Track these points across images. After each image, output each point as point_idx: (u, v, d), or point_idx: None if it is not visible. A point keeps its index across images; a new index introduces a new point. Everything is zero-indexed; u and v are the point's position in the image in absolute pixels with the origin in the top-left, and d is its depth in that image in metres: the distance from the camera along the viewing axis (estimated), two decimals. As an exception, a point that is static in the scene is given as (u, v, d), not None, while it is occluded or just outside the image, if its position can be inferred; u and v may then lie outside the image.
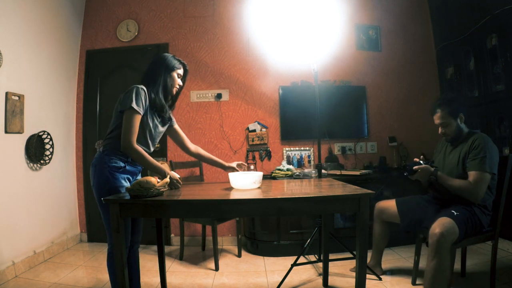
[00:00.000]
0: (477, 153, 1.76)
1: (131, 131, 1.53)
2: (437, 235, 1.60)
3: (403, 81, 3.36)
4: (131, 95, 1.54)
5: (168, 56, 1.73)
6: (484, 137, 1.81)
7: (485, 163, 1.72)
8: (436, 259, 1.59)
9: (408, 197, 2.13)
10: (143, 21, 3.31)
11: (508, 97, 2.48)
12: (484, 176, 1.72)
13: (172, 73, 1.71)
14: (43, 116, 2.77)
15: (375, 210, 2.19)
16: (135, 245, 1.74)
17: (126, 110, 1.53)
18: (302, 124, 3.17)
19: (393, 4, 3.37)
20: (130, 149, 1.54)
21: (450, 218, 1.67)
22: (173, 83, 1.73)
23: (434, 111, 1.95)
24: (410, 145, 3.27)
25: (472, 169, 1.76)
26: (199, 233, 3.10)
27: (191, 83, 3.26)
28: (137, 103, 1.54)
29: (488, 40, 2.64)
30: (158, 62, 1.71)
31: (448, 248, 1.62)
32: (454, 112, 1.88)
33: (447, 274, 1.62)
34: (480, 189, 1.72)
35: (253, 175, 1.64)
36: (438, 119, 1.93)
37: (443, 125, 1.92)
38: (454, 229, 1.64)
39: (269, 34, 3.22)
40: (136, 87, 1.57)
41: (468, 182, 1.75)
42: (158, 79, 1.67)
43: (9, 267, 2.28)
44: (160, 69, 1.69)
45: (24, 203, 2.50)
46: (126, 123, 1.53)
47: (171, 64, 1.70)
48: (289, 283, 2.15)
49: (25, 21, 2.56)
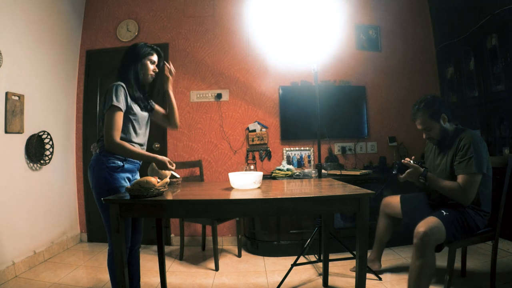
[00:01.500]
0: (463, 155, 1.70)
1: (113, 128, 1.51)
2: (421, 234, 1.58)
3: (403, 81, 3.36)
4: (110, 94, 1.52)
5: (137, 45, 1.68)
6: (470, 135, 1.73)
7: (472, 164, 1.66)
8: (421, 258, 1.58)
9: (413, 194, 2.10)
10: (143, 21, 3.31)
11: (508, 97, 2.48)
12: (473, 178, 1.67)
13: (142, 60, 1.66)
14: (43, 116, 2.77)
15: (381, 204, 2.20)
16: (136, 245, 1.74)
17: (107, 109, 1.52)
18: (302, 124, 3.17)
19: (393, 4, 3.36)
20: (113, 144, 1.51)
21: (438, 218, 1.66)
22: (146, 71, 1.68)
23: (414, 117, 1.87)
24: (410, 145, 3.27)
25: (460, 172, 1.71)
26: (199, 233, 3.10)
27: (191, 83, 3.26)
28: (117, 100, 1.52)
29: (488, 40, 2.64)
30: (127, 54, 1.67)
31: (433, 247, 1.60)
32: (435, 115, 1.80)
33: (432, 273, 1.60)
34: (469, 192, 1.67)
35: (253, 175, 1.64)
36: (419, 124, 1.86)
37: (426, 130, 1.85)
38: (440, 228, 1.61)
39: (269, 34, 3.22)
40: (114, 85, 1.55)
41: (457, 185, 1.70)
42: (129, 71, 1.63)
43: (9, 267, 2.28)
44: (129, 60, 1.65)
45: (24, 203, 2.50)
46: (107, 121, 1.52)
47: (140, 52, 1.66)
48: (289, 283, 2.15)
49: (25, 21, 2.56)
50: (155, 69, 1.72)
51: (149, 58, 1.68)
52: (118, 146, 1.52)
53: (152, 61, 1.70)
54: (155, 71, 1.73)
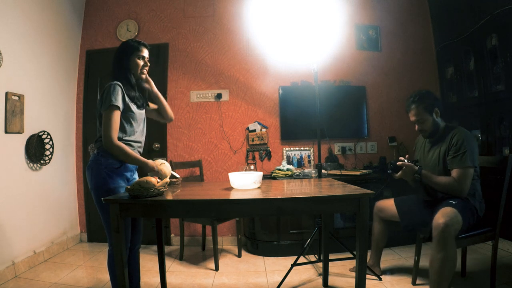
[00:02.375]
0: (457, 150, 1.77)
1: (111, 128, 1.50)
2: (442, 226, 1.58)
3: (403, 81, 3.36)
4: (108, 93, 1.52)
5: (124, 42, 1.67)
6: (463, 131, 1.81)
7: (467, 158, 1.74)
8: (443, 251, 1.57)
9: (406, 196, 2.13)
10: (143, 21, 3.31)
11: (508, 97, 2.48)
12: (467, 171, 1.74)
13: (131, 57, 1.64)
14: (43, 116, 2.77)
15: (374, 209, 2.20)
16: (136, 245, 1.74)
17: (105, 109, 1.51)
18: (302, 124, 3.17)
19: (393, 4, 3.36)
20: (111, 144, 1.51)
21: (452, 207, 1.67)
22: (136, 67, 1.66)
23: (408, 108, 1.96)
24: (410, 145, 3.26)
25: (455, 166, 1.77)
26: (199, 233, 3.10)
27: (191, 83, 3.26)
28: (115, 99, 1.51)
29: (488, 40, 2.64)
30: (116, 52, 1.66)
31: (454, 238, 1.61)
32: (429, 108, 1.88)
33: (454, 265, 1.59)
34: (464, 185, 1.74)
35: (253, 175, 1.64)
36: (413, 116, 1.93)
37: (419, 122, 1.92)
38: (458, 217, 1.63)
39: (269, 34, 3.22)
40: (111, 85, 1.54)
41: (452, 179, 1.76)
42: (121, 70, 1.62)
43: (9, 267, 2.28)
44: (119, 58, 1.64)
45: (24, 203, 2.50)
46: (106, 121, 1.51)
47: (127, 49, 1.64)
48: (289, 283, 2.15)
49: (25, 21, 2.56)
50: (146, 63, 1.70)
51: (137, 54, 1.66)
52: (116, 147, 1.52)
53: (140, 56, 1.67)
54: (146, 65, 1.70)
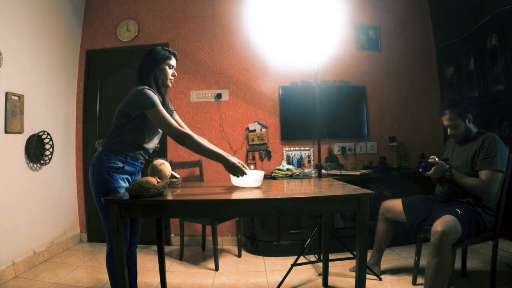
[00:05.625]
0: (488, 152, 1.77)
1: (169, 121, 1.52)
2: (439, 233, 1.59)
3: (403, 81, 3.36)
4: (147, 97, 1.51)
5: (154, 50, 1.66)
6: (495, 136, 1.82)
7: (497, 161, 1.74)
8: (438, 257, 1.59)
9: (414, 197, 2.12)
10: (143, 21, 3.31)
11: (508, 97, 2.48)
12: (496, 175, 1.74)
13: (161, 65, 1.64)
14: (43, 116, 2.77)
15: (380, 209, 2.20)
16: (133, 245, 1.75)
17: (150, 110, 1.51)
18: (302, 124, 3.17)
19: (393, 4, 3.36)
20: (183, 135, 1.52)
21: (454, 216, 1.67)
22: (165, 76, 1.66)
23: (442, 113, 1.96)
24: (410, 145, 3.27)
25: (484, 168, 1.77)
26: (199, 233, 3.10)
27: (191, 83, 3.26)
28: (156, 101, 1.52)
29: (488, 40, 2.64)
30: (144, 59, 1.65)
31: (450, 247, 1.61)
32: (462, 113, 1.90)
33: (448, 272, 1.61)
34: (493, 188, 1.74)
35: (255, 173, 1.64)
36: (447, 120, 1.94)
37: (452, 127, 1.93)
38: (457, 227, 1.63)
39: (269, 34, 3.22)
40: (144, 89, 1.54)
41: (481, 181, 1.76)
42: (149, 77, 1.62)
43: (9, 267, 2.28)
44: (148, 65, 1.63)
45: (24, 203, 2.50)
46: (161, 119, 1.51)
47: (157, 57, 1.64)
48: (289, 283, 2.15)
49: (25, 21, 2.56)
50: (174, 73, 1.71)
51: (168, 62, 1.66)
52: (188, 137, 1.53)
53: (170, 65, 1.68)
54: (174, 75, 1.71)
